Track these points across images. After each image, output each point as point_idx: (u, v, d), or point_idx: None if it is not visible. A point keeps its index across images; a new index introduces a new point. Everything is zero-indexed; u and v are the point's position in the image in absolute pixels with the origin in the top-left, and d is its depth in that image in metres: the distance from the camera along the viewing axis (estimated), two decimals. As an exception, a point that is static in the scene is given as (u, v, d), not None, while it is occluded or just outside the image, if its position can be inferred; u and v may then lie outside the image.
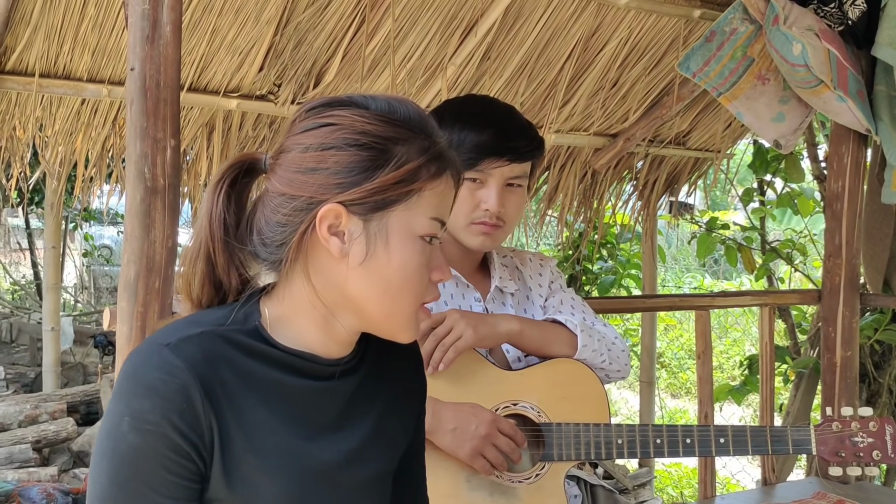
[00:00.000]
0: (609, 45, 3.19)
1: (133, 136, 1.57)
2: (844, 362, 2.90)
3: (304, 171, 1.05)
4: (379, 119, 1.07)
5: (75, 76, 2.75)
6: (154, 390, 0.99)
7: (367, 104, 1.08)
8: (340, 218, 1.05)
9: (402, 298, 1.09)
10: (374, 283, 1.07)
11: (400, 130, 1.07)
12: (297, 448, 1.09)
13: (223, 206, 1.10)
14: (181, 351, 1.01)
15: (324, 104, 1.10)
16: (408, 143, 1.07)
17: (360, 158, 1.05)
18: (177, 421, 0.99)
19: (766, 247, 4.34)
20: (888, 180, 2.75)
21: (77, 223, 9.23)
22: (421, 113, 1.11)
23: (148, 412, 0.98)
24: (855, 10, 2.62)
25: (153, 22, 1.56)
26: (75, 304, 9.83)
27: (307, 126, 1.08)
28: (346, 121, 1.06)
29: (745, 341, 9.08)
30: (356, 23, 2.79)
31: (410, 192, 1.06)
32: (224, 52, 2.76)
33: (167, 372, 1.00)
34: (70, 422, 5.09)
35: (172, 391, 0.99)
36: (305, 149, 1.06)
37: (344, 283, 1.08)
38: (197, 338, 1.04)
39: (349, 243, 1.06)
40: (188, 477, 1.01)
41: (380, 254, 1.06)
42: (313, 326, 1.11)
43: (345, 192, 1.04)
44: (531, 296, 2.01)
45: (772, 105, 2.77)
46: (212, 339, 1.05)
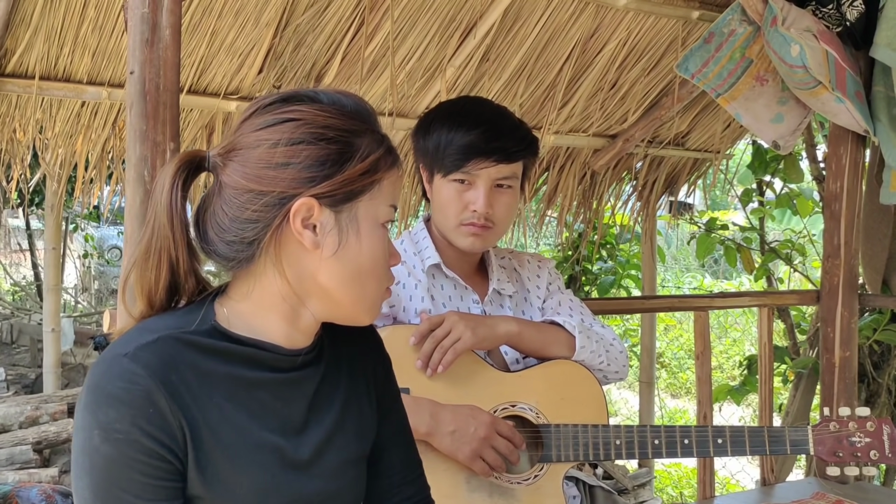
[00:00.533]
0: (608, 46, 3.20)
1: (133, 139, 1.58)
2: (843, 362, 2.90)
3: (275, 167, 1.06)
4: (336, 112, 1.10)
5: (75, 79, 2.75)
6: (117, 399, 1.01)
7: (320, 98, 1.12)
8: (313, 211, 1.07)
9: (370, 283, 1.13)
10: (345, 271, 1.11)
11: (356, 123, 1.11)
12: (267, 442, 1.11)
13: (181, 206, 1.10)
14: (139, 358, 1.03)
15: (279, 100, 1.11)
16: (365, 135, 1.11)
17: (329, 152, 1.08)
18: (145, 425, 1.01)
19: (766, 247, 4.35)
20: (886, 181, 2.76)
21: (77, 224, 9.24)
22: (366, 104, 1.16)
23: (115, 421, 1.00)
24: (853, 11, 2.63)
25: (152, 25, 1.57)
26: (76, 305, 9.84)
27: (267, 122, 1.09)
28: (309, 116, 1.08)
29: (745, 341, 9.08)
30: (355, 25, 2.79)
31: (374, 182, 1.11)
32: (223, 54, 2.77)
33: (128, 380, 1.01)
34: (71, 423, 5.08)
35: (136, 398, 1.01)
36: (273, 144, 1.07)
37: (316, 273, 1.10)
38: (153, 344, 1.05)
39: (322, 235, 1.09)
40: (166, 477, 1.03)
41: (352, 243, 1.10)
42: (280, 318, 1.13)
43: (316, 186, 1.07)
44: (529, 297, 2.02)
45: (770, 106, 2.77)
46: (168, 344, 1.06)
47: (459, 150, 1.78)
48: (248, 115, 1.12)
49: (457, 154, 1.78)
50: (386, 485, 1.32)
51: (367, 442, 1.27)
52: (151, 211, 1.11)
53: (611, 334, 1.98)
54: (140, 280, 1.11)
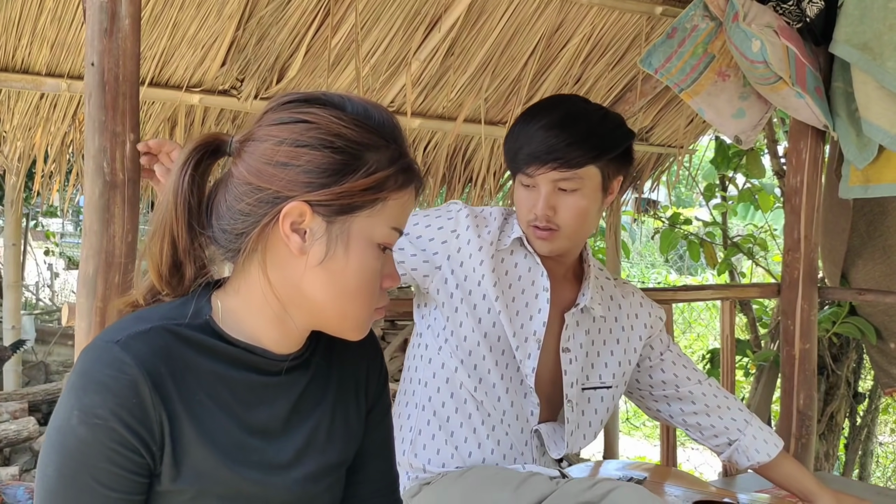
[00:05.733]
0: (572, 41, 3.21)
1: (92, 130, 1.56)
2: (803, 355, 2.94)
3: (275, 165, 1.06)
4: (354, 123, 1.07)
5: (34, 70, 2.71)
6: (104, 386, 1.01)
7: (344, 106, 1.09)
8: (304, 216, 1.05)
9: (355, 301, 1.11)
10: (329, 284, 1.09)
11: (373, 137, 1.08)
12: (247, 443, 1.11)
13: (188, 186, 1.10)
14: (130, 347, 1.03)
15: (301, 100, 1.10)
16: (379, 150, 1.08)
17: (332, 161, 1.05)
18: (125, 416, 1.01)
19: (728, 242, 4.40)
20: (845, 175, 2.80)
21: (38, 221, 9.11)
22: (394, 121, 1.12)
23: (97, 407, 1.01)
24: (813, 7, 2.66)
25: (111, 15, 1.55)
26: (37, 302, 9.70)
27: (282, 119, 1.08)
28: (323, 121, 1.06)
29: (709, 336, 9.17)
30: (319, 17, 2.78)
31: (376, 200, 1.08)
32: (186, 47, 2.74)
33: (117, 368, 1.01)
34: (31, 421, 5.02)
35: (122, 386, 1.01)
36: (279, 142, 1.06)
37: (300, 281, 1.09)
38: (145, 334, 1.05)
39: (310, 242, 1.07)
40: (134, 471, 1.03)
41: (339, 256, 1.07)
42: (266, 321, 1.12)
43: (312, 192, 1.05)
44: (626, 328, 1.99)
45: (732, 101, 2.80)
46: (160, 335, 1.06)
47: (520, 155, 1.79)
48: (269, 108, 1.12)
49: (518, 158, 1.79)
50: (361, 493, 1.31)
51: (350, 450, 1.26)
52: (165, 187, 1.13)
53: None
54: (149, 253, 1.13)
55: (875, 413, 4.35)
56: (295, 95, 1.11)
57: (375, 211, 1.08)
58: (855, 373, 4.04)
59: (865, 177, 2.73)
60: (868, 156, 2.64)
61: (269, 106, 1.12)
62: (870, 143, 2.62)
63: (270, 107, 1.12)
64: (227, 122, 3.03)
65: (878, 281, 3.36)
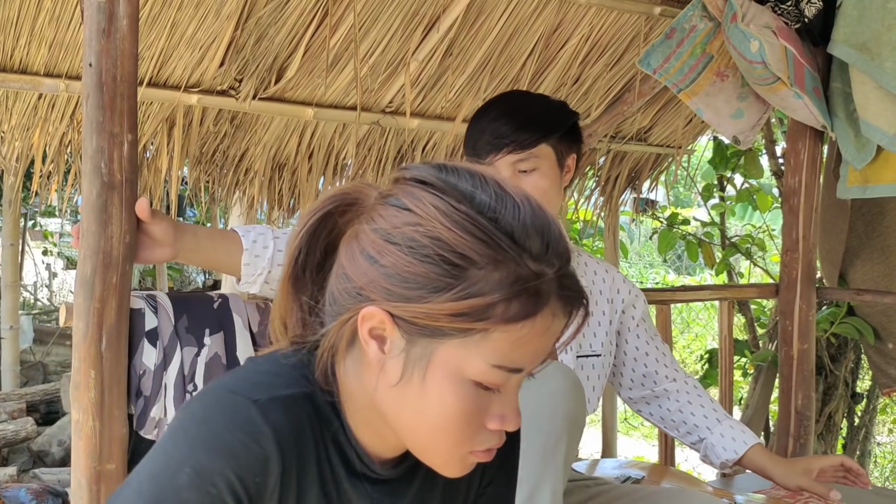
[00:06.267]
0: (571, 41, 3.21)
1: (89, 130, 1.56)
2: (801, 355, 2.94)
3: (364, 255, 0.87)
4: (466, 224, 0.83)
5: (32, 70, 2.71)
6: (232, 452, 0.83)
7: (472, 196, 0.84)
8: (384, 324, 0.86)
9: (438, 439, 0.88)
10: (405, 411, 0.88)
11: (488, 249, 0.82)
12: None
13: (303, 240, 0.92)
14: (270, 414, 0.86)
15: (420, 178, 0.87)
16: (491, 267, 0.83)
17: (417, 272, 0.84)
18: (241, 494, 0.83)
19: (726, 242, 4.40)
20: (843, 176, 2.80)
21: (36, 221, 9.10)
22: (540, 226, 0.85)
23: (217, 474, 0.82)
24: (811, 8, 2.66)
25: (109, 15, 1.55)
26: (35, 302, 9.69)
27: (395, 198, 0.87)
28: (426, 215, 0.84)
29: (707, 336, 9.18)
30: (318, 18, 2.78)
31: (470, 331, 0.83)
32: (184, 47, 2.74)
33: (252, 436, 0.84)
34: (29, 421, 5.02)
35: (253, 460, 0.84)
36: (375, 229, 0.87)
37: (374, 394, 0.90)
38: (286, 401, 0.88)
39: (388, 355, 0.87)
40: None
41: (414, 384, 0.86)
42: (362, 418, 0.94)
43: (391, 302, 0.85)
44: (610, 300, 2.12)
45: (730, 101, 2.80)
46: (301, 406, 0.89)
47: (477, 148, 1.93)
48: (398, 175, 0.90)
49: (476, 152, 1.93)
50: None
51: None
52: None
53: None
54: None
55: (873, 413, 4.35)
56: (428, 168, 0.88)
57: (471, 342, 0.84)
58: (853, 373, 4.04)
59: (864, 177, 2.73)
60: (866, 156, 2.65)
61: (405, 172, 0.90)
62: (868, 143, 2.62)
63: (399, 174, 0.90)
64: (226, 123, 3.02)
65: (876, 281, 3.36)
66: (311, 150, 3.22)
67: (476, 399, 0.86)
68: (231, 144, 3.10)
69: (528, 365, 0.86)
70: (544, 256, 0.84)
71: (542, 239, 0.84)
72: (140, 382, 1.71)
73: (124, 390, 1.64)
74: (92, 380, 1.57)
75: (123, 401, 1.64)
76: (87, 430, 1.59)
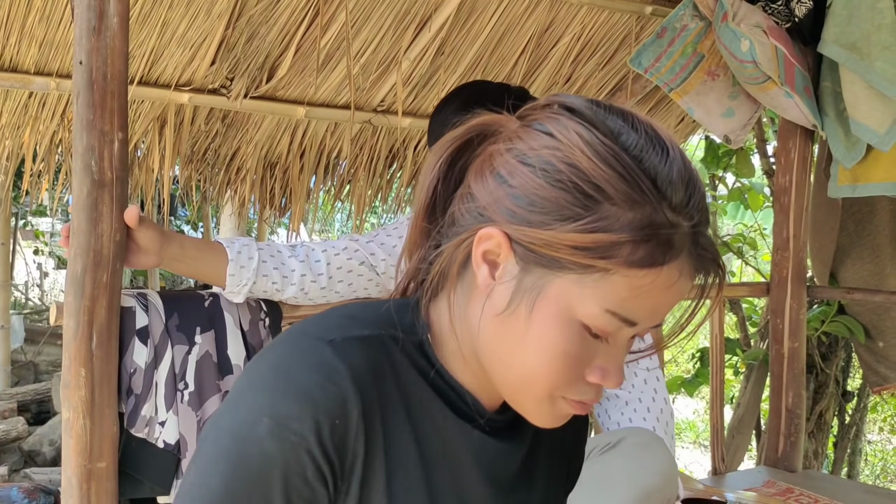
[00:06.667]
0: (562, 40, 3.21)
1: (80, 129, 1.55)
2: (792, 353, 2.96)
3: (495, 175, 0.81)
4: (609, 157, 0.77)
5: (22, 69, 2.70)
6: (308, 395, 0.79)
7: (620, 132, 0.79)
8: (501, 248, 0.80)
9: (534, 379, 0.82)
10: (504, 345, 0.82)
11: (626, 186, 0.76)
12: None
13: (441, 169, 0.88)
14: (346, 354, 0.81)
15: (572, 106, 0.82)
16: (626, 206, 0.76)
17: (546, 195, 0.78)
18: (326, 437, 0.78)
19: (718, 241, 4.41)
20: (834, 175, 2.81)
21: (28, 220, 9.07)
22: (683, 172, 0.79)
23: (295, 419, 0.78)
24: (801, 7, 2.67)
25: (99, 13, 1.55)
26: (26, 301, 9.66)
27: (536, 119, 0.83)
28: (567, 141, 0.78)
29: (699, 335, 9.20)
30: (309, 16, 2.77)
31: (590, 268, 0.77)
32: (175, 46, 2.73)
33: (327, 377, 0.80)
34: (21, 421, 5.01)
35: (330, 401, 0.79)
36: (510, 149, 0.82)
37: (476, 322, 0.84)
38: (363, 341, 0.84)
39: (498, 281, 0.81)
40: (314, 502, 0.81)
41: (520, 315, 0.80)
42: (460, 359, 0.88)
43: (512, 224, 0.79)
44: None
45: (721, 101, 2.81)
46: (379, 346, 0.85)
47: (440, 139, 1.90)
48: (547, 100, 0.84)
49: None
50: None
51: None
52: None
53: None
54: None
55: (863, 411, 4.37)
56: (574, 98, 0.83)
57: (589, 280, 0.78)
58: (843, 371, 4.06)
59: (854, 176, 2.74)
60: (856, 155, 2.66)
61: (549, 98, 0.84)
62: (858, 142, 2.63)
63: (548, 100, 0.84)
64: (217, 122, 3.02)
65: (866, 280, 3.37)
66: (303, 148, 3.22)
67: (581, 343, 0.80)
68: (222, 143, 3.10)
69: (643, 320, 0.79)
70: (684, 208, 0.78)
71: (686, 190, 0.78)
72: (131, 381, 1.70)
73: (115, 389, 1.64)
74: (82, 378, 1.57)
75: (114, 399, 1.63)
76: (78, 429, 1.58)
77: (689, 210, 0.78)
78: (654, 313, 0.80)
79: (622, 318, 0.78)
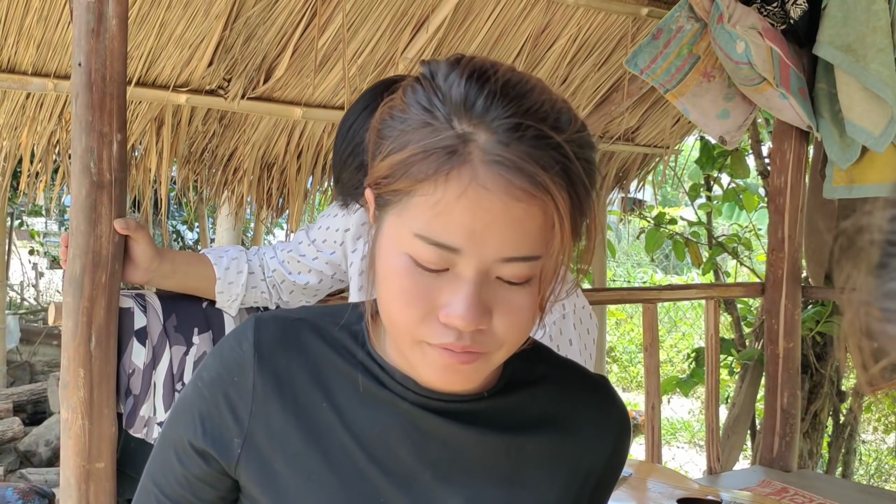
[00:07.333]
0: (558, 41, 3.22)
1: (78, 130, 1.56)
2: (787, 353, 2.97)
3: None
4: (414, 93, 0.79)
5: (20, 70, 2.70)
6: (220, 353, 0.93)
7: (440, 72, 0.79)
8: (370, 204, 0.85)
9: (391, 324, 0.83)
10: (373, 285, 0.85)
11: (419, 110, 0.77)
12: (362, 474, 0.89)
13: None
14: (261, 326, 0.92)
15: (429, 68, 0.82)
16: (417, 127, 0.77)
17: (372, 139, 0.83)
18: (226, 389, 0.91)
19: (713, 241, 4.42)
20: (829, 176, 2.83)
21: (23, 221, 9.07)
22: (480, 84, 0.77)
23: (206, 369, 0.93)
24: (797, 9, 2.68)
25: (98, 15, 1.55)
26: (21, 301, 9.65)
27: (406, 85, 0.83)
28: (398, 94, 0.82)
29: (694, 335, 9.22)
30: (306, 17, 2.78)
31: (398, 193, 0.78)
32: (173, 47, 2.74)
33: (237, 340, 0.92)
34: (16, 421, 5.00)
35: (232, 360, 0.91)
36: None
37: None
38: (284, 321, 0.93)
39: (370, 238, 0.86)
40: (202, 453, 0.92)
41: (375, 264, 0.84)
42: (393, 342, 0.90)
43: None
44: None
45: (717, 102, 2.82)
46: (298, 328, 0.93)
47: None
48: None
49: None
50: None
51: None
52: None
53: None
54: None
55: (858, 411, 4.39)
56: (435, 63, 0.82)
57: (402, 208, 0.78)
58: (838, 371, 4.07)
59: (849, 177, 2.76)
60: (851, 156, 2.67)
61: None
62: (853, 143, 2.64)
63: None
64: (215, 122, 3.02)
65: (861, 280, 3.38)
66: (300, 149, 3.22)
67: (416, 278, 0.78)
68: (220, 144, 3.10)
69: (462, 245, 0.76)
70: (473, 117, 0.75)
71: (477, 98, 0.75)
72: (129, 381, 1.71)
73: (113, 389, 1.64)
74: (81, 378, 1.58)
75: (113, 399, 1.64)
76: (77, 429, 1.59)
77: (481, 118, 0.75)
78: (468, 234, 0.75)
79: (434, 243, 0.76)
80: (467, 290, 0.77)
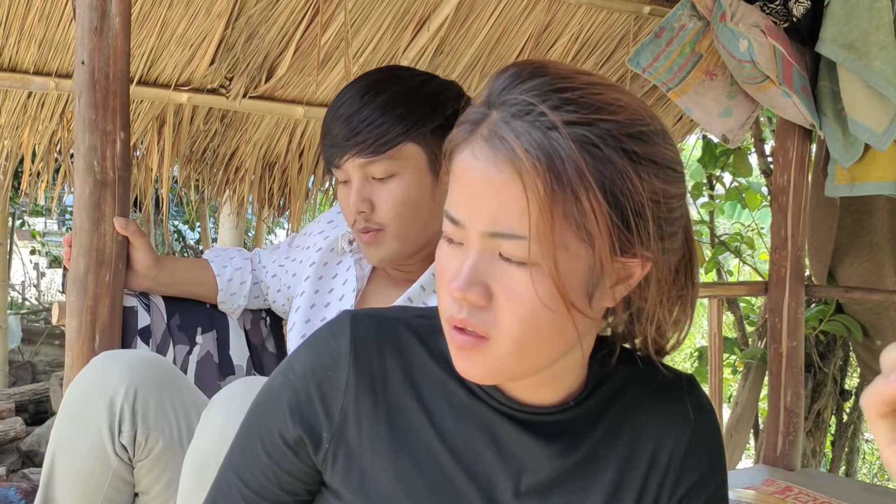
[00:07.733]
0: (560, 40, 3.22)
1: (82, 128, 1.55)
2: (790, 352, 2.96)
3: None
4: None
5: (21, 69, 2.70)
6: (314, 346, 0.93)
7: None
8: None
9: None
10: None
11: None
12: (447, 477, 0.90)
13: None
14: (356, 323, 0.92)
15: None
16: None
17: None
18: (320, 381, 0.90)
19: (715, 240, 4.42)
20: (832, 174, 2.82)
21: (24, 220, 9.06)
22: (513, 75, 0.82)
23: (298, 362, 0.93)
24: (799, 7, 2.68)
25: (101, 13, 1.55)
26: (23, 301, 9.65)
27: None
28: None
29: (697, 334, 9.21)
30: (308, 16, 2.78)
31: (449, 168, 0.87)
32: (174, 45, 2.73)
33: (332, 335, 0.92)
34: (18, 421, 5.00)
35: (327, 354, 0.91)
36: None
37: None
38: (381, 319, 0.94)
39: None
40: (292, 447, 0.91)
41: None
42: None
43: None
44: None
45: (719, 100, 2.81)
46: (392, 326, 0.93)
47: (324, 145, 1.50)
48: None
49: (324, 150, 1.51)
50: None
51: None
52: None
53: None
54: None
55: (861, 410, 4.37)
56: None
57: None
58: (842, 370, 4.07)
59: (852, 175, 2.75)
60: (854, 154, 2.66)
61: None
62: (856, 141, 2.64)
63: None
64: (216, 121, 3.02)
65: (864, 279, 3.38)
66: (302, 148, 3.22)
67: (445, 250, 0.84)
68: (221, 143, 3.10)
69: (460, 215, 0.80)
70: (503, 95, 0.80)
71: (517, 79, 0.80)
72: (132, 381, 1.70)
73: (117, 388, 1.63)
74: (84, 378, 1.57)
75: (116, 399, 1.63)
76: (80, 429, 1.58)
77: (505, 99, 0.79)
78: (464, 206, 0.80)
79: (447, 216, 0.82)
80: (463, 261, 0.81)
